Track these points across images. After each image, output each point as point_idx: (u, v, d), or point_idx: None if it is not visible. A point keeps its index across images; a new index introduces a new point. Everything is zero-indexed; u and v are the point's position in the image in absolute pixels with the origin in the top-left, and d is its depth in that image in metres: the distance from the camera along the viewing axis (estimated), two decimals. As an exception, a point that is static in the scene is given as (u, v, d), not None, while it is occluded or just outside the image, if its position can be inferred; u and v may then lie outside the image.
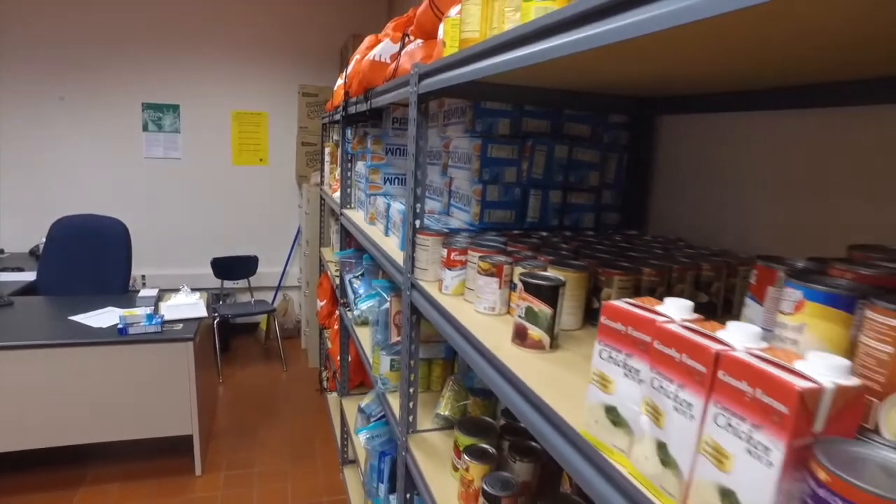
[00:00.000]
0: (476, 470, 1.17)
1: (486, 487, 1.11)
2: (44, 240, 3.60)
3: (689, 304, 0.57)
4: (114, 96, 4.38)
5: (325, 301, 3.56)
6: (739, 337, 0.49)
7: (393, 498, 1.80)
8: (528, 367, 0.83)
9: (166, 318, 2.80)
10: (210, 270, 4.44)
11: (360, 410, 2.27)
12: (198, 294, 3.18)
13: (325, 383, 3.84)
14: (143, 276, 4.51)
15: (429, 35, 1.59)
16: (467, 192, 1.45)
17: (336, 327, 3.13)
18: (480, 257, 1.09)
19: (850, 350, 0.48)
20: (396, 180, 2.10)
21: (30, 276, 3.60)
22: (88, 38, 4.24)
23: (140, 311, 2.74)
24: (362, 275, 2.29)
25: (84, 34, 4.22)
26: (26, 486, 2.69)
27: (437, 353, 1.70)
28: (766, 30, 0.56)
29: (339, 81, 2.75)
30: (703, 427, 0.49)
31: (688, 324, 0.54)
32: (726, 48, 0.67)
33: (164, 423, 2.74)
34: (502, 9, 0.94)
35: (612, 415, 0.60)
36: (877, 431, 0.46)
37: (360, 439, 1.88)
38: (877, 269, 0.55)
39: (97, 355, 2.59)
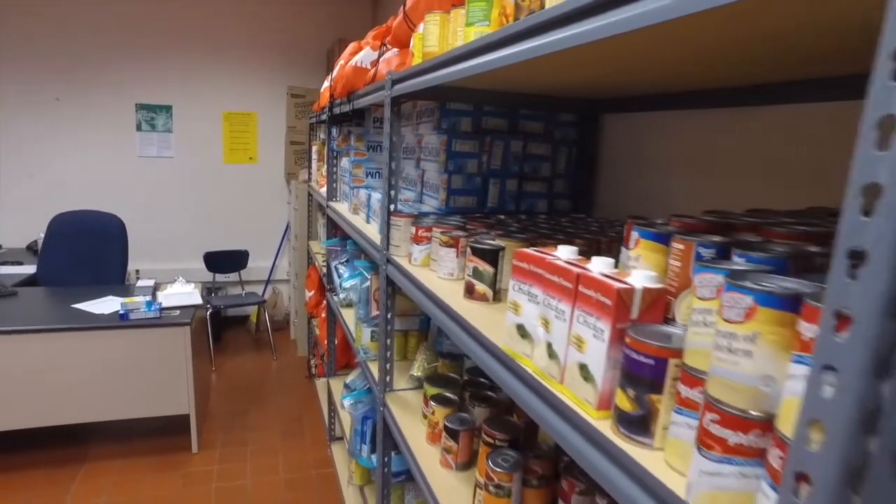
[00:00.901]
0: (440, 412, 1.39)
1: (447, 424, 1.33)
2: (42, 235, 3.77)
3: (574, 248, 0.79)
4: (108, 97, 4.55)
5: (313, 291, 3.77)
6: (599, 266, 0.72)
7: (374, 457, 2.01)
8: (474, 313, 1.05)
9: (164, 305, 2.99)
10: (202, 265, 4.63)
11: (346, 386, 2.48)
12: (193, 284, 3.37)
13: (313, 370, 4.04)
14: (138, 271, 4.68)
15: (403, 45, 1.82)
16: (436, 182, 1.67)
17: (323, 315, 3.34)
18: (442, 232, 1.31)
19: (666, 270, 0.71)
20: (377, 174, 2.32)
21: (30, 269, 3.77)
22: (83, 40, 4.40)
23: (139, 299, 2.93)
24: (347, 261, 2.51)
25: (78, 37, 4.39)
26: (34, 463, 2.87)
27: (412, 325, 1.92)
28: (639, 55, 0.79)
29: (326, 84, 2.97)
30: (571, 326, 0.71)
31: (569, 260, 0.76)
32: (600, 63, 0.90)
33: (162, 403, 2.93)
34: (455, 28, 1.16)
35: (521, 330, 0.82)
36: (674, 318, 0.69)
37: (345, 404, 2.09)
38: (694, 219, 0.78)
39: (100, 339, 2.78)
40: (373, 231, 1.89)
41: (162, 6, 4.52)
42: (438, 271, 1.32)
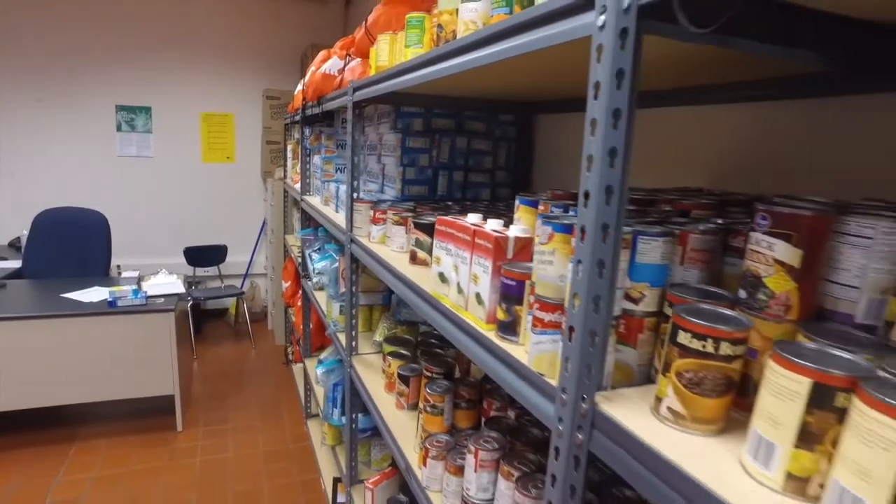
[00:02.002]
0: (395, 364, 1.67)
1: (400, 372, 1.61)
2: (25, 232, 3.95)
3: (479, 215, 1.08)
4: (88, 99, 4.72)
5: (289, 282, 4.01)
6: (491, 225, 1.01)
7: (344, 418, 2.28)
8: (414, 274, 1.33)
9: (149, 293, 3.21)
10: (183, 259, 4.82)
11: (319, 361, 2.74)
12: (175, 275, 3.59)
13: (290, 356, 4.29)
14: (119, 266, 4.85)
15: (365, 55, 2.09)
16: (394, 174, 1.95)
17: (299, 304, 3.59)
18: (394, 214, 1.59)
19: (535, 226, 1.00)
20: (345, 168, 2.58)
21: (15, 263, 3.94)
22: (63, 43, 4.57)
23: (126, 287, 3.15)
24: (319, 248, 2.77)
25: (59, 40, 4.55)
26: (27, 443, 3.07)
27: (376, 300, 2.20)
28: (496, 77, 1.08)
29: (299, 87, 3.22)
30: (471, 267, 1.00)
31: (472, 222, 1.05)
32: (490, 77, 1.19)
33: (148, 385, 3.15)
34: (401, 47, 1.44)
35: (441, 277, 1.11)
36: (538, 259, 0.98)
37: (318, 374, 2.36)
38: (561, 191, 1.08)
39: (89, 325, 2.99)
40: (341, 219, 2.16)
41: (141, 11, 4.71)
42: (391, 245, 1.60)
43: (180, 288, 3.41)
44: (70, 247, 3.86)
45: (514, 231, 0.95)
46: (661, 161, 1.41)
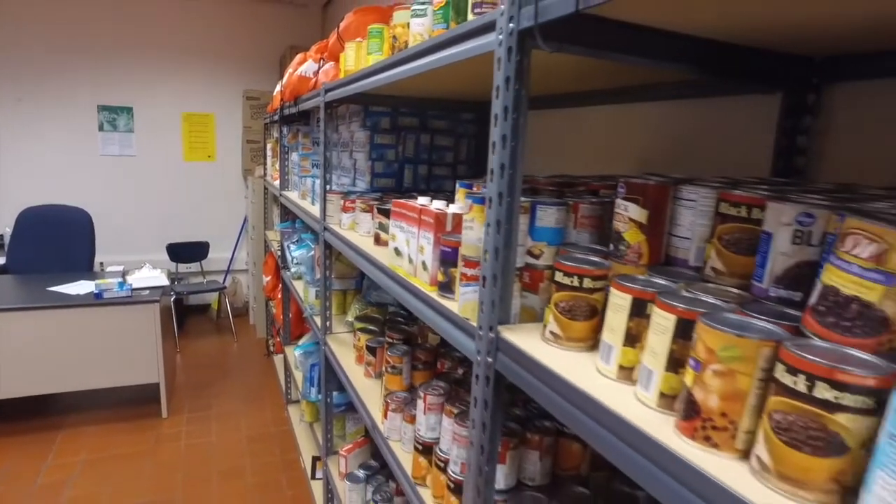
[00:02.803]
0: (364, 339, 1.85)
1: (368, 344, 1.80)
2: (8, 229, 4.05)
3: (428, 198, 1.27)
4: (69, 99, 4.81)
5: (269, 276, 4.17)
6: (437, 205, 1.20)
7: (320, 395, 2.46)
8: (377, 252, 1.52)
9: (134, 286, 3.35)
10: (166, 256, 4.94)
11: (298, 346, 2.91)
12: (159, 269, 3.73)
13: (271, 348, 4.44)
14: (102, 263, 4.95)
15: (337, 59, 2.26)
16: (364, 168, 2.13)
17: (279, 297, 3.75)
18: (362, 202, 1.78)
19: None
20: (320, 164, 2.75)
21: (-1, 260, 4.04)
22: (44, 44, 4.66)
23: (112, 280, 3.28)
24: (297, 240, 2.94)
25: (39, 41, 4.65)
26: (14, 431, 3.19)
27: (349, 285, 2.38)
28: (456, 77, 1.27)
29: (278, 88, 3.38)
30: (418, 240, 1.19)
31: (420, 203, 1.24)
32: (448, 81, 1.39)
33: (134, 373, 3.28)
34: (364, 54, 1.63)
35: (397, 251, 1.29)
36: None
37: (296, 355, 2.53)
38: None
39: (77, 316, 3.12)
40: (315, 209, 2.34)
41: (122, 13, 4.82)
42: (359, 230, 1.78)
43: (164, 281, 3.55)
44: (54, 243, 3.97)
45: (453, 208, 1.14)
46: (602, 153, 1.62)
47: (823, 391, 0.44)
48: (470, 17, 1.01)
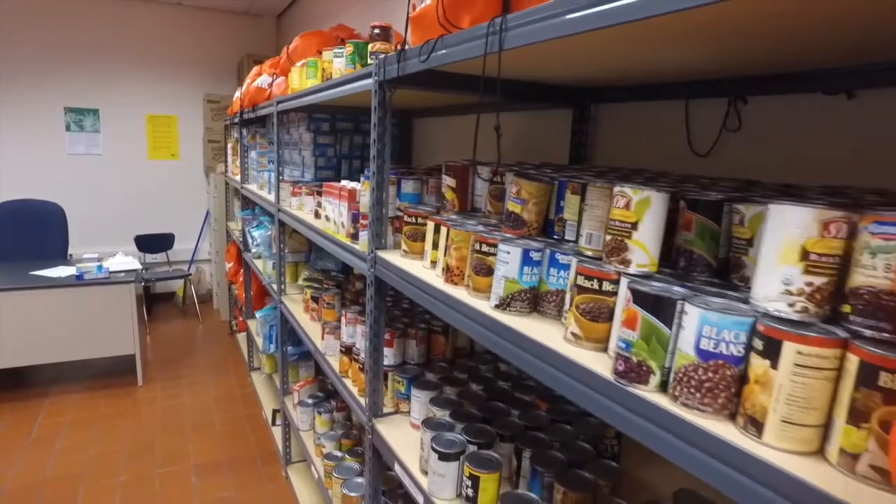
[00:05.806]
0: (310, 292, 2.41)
1: (313, 295, 2.36)
2: (-16, 223, 4.41)
3: (348, 181, 1.85)
4: (36, 100, 5.15)
5: (232, 263, 4.66)
6: (351, 185, 1.78)
7: (278, 349, 3.00)
8: (318, 223, 2.09)
9: (111, 269, 3.80)
10: (134, 247, 5.35)
11: (258, 312, 3.43)
12: (132, 256, 4.18)
13: (234, 327, 4.92)
14: (70, 255, 5.33)
15: (287, 74, 2.81)
16: (310, 163, 2.68)
17: (241, 280, 4.25)
18: (307, 188, 2.34)
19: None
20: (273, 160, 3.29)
21: (-23, 251, 4.39)
22: (11, 47, 5.00)
23: (91, 264, 3.73)
24: (257, 224, 3.46)
25: (6, 44, 4.99)
26: (5, 398, 3.61)
27: (300, 258, 2.93)
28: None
29: (237, 95, 3.88)
30: (339, 209, 1.77)
31: (341, 185, 1.82)
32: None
33: (113, 345, 3.74)
34: (305, 78, 2.19)
35: (327, 218, 1.87)
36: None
37: (257, 316, 3.06)
38: (406, 167, 1.86)
39: (60, 296, 3.56)
40: (271, 196, 2.88)
41: (87, 19, 5.20)
42: (305, 210, 2.35)
43: (137, 265, 4.01)
44: (28, 236, 4.35)
45: (359, 186, 1.72)
46: (465, 146, 2.22)
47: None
48: (369, 60, 1.59)
